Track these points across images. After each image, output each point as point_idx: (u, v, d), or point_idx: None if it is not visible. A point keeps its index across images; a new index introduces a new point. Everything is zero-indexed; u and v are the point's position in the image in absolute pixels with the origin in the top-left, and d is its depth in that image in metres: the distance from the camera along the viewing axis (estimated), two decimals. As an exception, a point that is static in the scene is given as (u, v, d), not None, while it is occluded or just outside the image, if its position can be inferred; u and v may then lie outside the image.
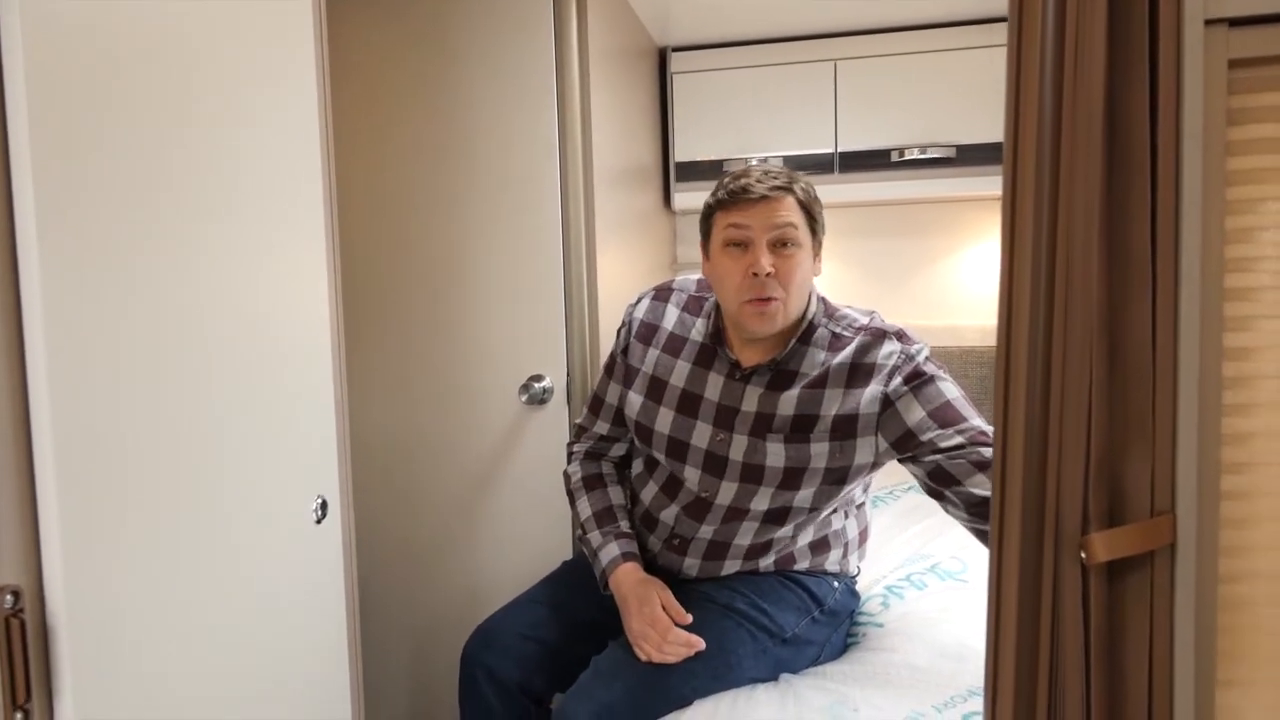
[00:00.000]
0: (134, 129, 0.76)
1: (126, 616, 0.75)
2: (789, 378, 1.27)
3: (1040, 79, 0.61)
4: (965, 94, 2.15)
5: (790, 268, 1.21)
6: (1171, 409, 0.60)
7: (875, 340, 1.25)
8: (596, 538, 1.37)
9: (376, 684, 1.78)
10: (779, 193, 1.21)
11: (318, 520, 1.04)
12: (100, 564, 0.71)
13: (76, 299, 0.69)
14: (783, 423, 1.25)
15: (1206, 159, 0.58)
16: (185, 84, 0.82)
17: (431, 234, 1.74)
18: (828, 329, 1.28)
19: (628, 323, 1.43)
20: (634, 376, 1.39)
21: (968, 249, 2.49)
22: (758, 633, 1.28)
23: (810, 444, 1.24)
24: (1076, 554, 0.62)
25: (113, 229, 0.73)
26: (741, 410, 1.28)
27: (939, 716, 1.15)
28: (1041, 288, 0.61)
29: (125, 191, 0.74)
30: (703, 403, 1.31)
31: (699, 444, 1.31)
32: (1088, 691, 0.62)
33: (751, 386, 1.28)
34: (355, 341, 1.73)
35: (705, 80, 2.31)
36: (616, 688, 1.18)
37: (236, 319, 0.90)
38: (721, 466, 1.29)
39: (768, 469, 1.26)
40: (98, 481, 0.71)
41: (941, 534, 1.84)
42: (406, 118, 1.73)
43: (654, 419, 1.35)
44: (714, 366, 1.32)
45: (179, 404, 0.81)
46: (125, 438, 0.74)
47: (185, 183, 0.82)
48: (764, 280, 1.19)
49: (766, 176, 1.23)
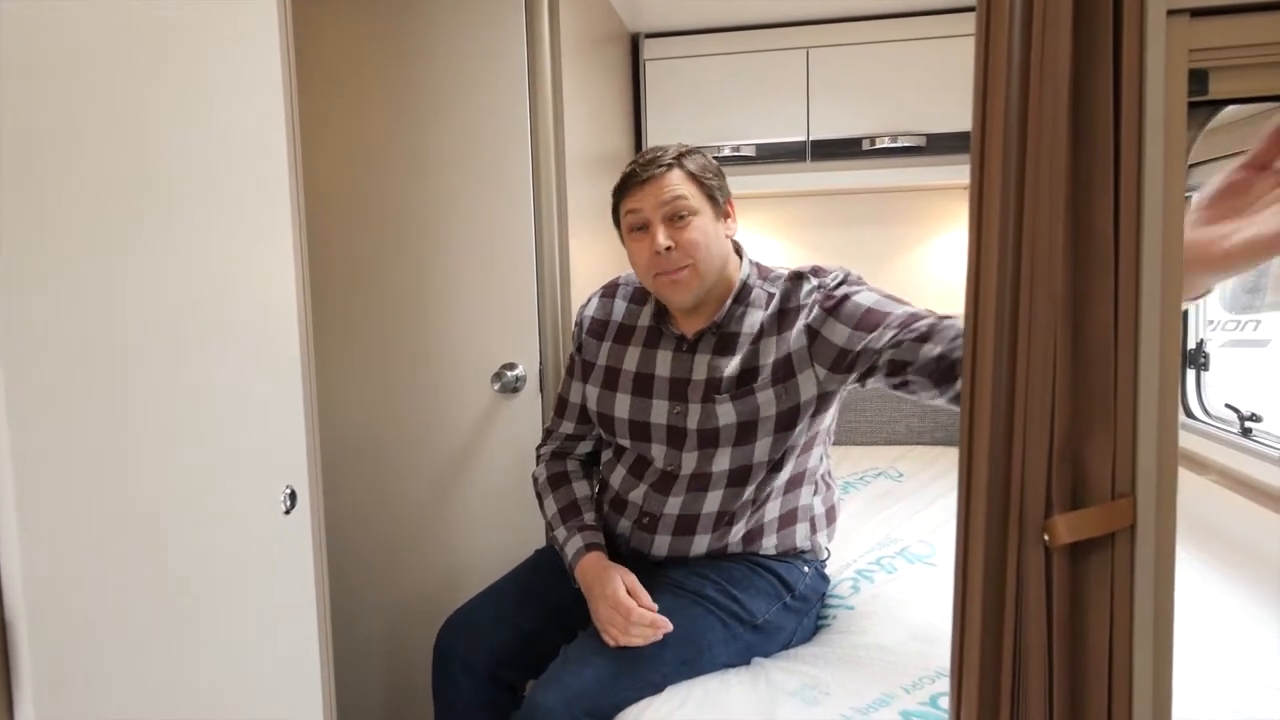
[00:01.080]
0: (93, 120, 0.73)
1: (89, 612, 0.73)
2: (731, 340, 1.33)
3: (1007, 68, 0.62)
4: (935, 83, 2.17)
5: (687, 236, 1.27)
6: (1132, 393, 0.62)
7: (794, 283, 1.33)
8: (562, 533, 1.38)
9: (349, 675, 1.77)
10: (662, 170, 1.28)
11: (286, 511, 1.03)
12: (61, 559, 0.70)
13: (33, 290, 0.67)
14: (729, 382, 1.31)
15: (1168, 147, 0.59)
16: (145, 68, 0.80)
17: (401, 221, 1.72)
18: (763, 289, 1.35)
19: (580, 322, 1.50)
20: (589, 371, 1.44)
21: (937, 238, 2.52)
22: (728, 619, 1.29)
23: (755, 394, 1.29)
24: (1040, 537, 0.63)
25: (72, 218, 0.71)
26: (693, 379, 1.34)
27: (908, 697, 1.17)
28: (1008, 273, 0.62)
29: (82, 178, 0.72)
30: (655, 380, 1.37)
31: (659, 420, 1.36)
32: (1050, 670, 0.64)
33: (699, 355, 1.34)
34: (325, 330, 1.71)
35: (678, 67, 2.31)
36: (587, 675, 1.18)
37: (200, 309, 0.88)
38: (681, 438, 1.34)
39: (721, 429, 1.30)
40: (57, 475, 0.70)
41: (910, 518, 1.87)
42: (376, 105, 1.70)
43: (613, 406, 1.40)
44: (661, 344, 1.38)
45: (141, 395, 0.79)
46: (85, 429, 0.73)
47: (146, 171, 0.80)
48: (666, 255, 1.26)
49: (651, 160, 1.30)
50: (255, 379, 0.98)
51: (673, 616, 1.24)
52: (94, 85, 0.74)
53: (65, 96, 0.71)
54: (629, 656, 1.20)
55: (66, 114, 0.71)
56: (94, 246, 0.74)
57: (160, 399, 0.82)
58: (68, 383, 0.71)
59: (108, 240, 0.76)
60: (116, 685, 0.76)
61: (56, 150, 0.70)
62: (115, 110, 0.77)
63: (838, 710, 1.15)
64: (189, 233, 0.87)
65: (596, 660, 1.20)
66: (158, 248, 0.82)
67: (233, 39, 0.94)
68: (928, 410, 2.46)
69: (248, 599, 0.96)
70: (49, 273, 0.69)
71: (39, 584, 0.67)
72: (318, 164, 1.70)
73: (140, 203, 0.80)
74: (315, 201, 1.56)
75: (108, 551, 0.75)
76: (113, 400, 0.76)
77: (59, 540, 0.70)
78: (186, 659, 0.86)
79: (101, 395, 0.75)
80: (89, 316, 0.73)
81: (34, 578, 0.67)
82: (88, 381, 0.73)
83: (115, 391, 0.76)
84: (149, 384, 0.81)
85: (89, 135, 0.74)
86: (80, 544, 0.72)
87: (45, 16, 0.69)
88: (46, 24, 0.69)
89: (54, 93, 0.70)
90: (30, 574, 0.66)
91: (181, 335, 0.85)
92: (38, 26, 0.68)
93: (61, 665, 0.70)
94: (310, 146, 1.17)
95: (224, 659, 0.92)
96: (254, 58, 0.99)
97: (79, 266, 0.72)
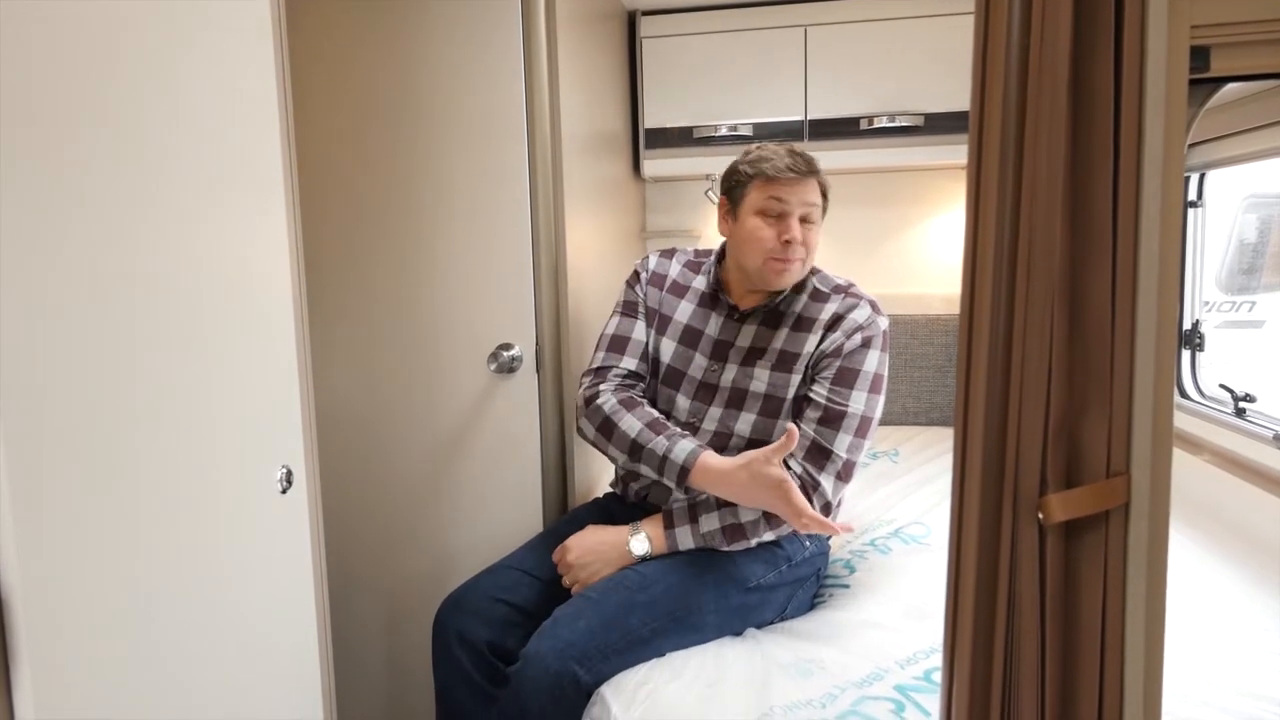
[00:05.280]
0: (78, 91, 0.73)
1: (87, 595, 0.73)
2: (779, 317, 1.48)
3: (1006, 46, 0.61)
4: (934, 62, 2.15)
5: (812, 239, 1.44)
6: (1129, 373, 0.62)
7: (857, 303, 1.46)
8: (661, 442, 1.37)
9: (347, 652, 1.78)
10: (812, 174, 1.44)
11: (283, 490, 1.03)
12: (57, 541, 0.70)
13: (24, 269, 0.67)
14: (773, 354, 1.45)
15: (1168, 124, 0.59)
16: (134, 42, 0.79)
17: (396, 200, 1.71)
18: (812, 283, 1.50)
19: (639, 272, 1.60)
20: (649, 315, 1.57)
21: (935, 218, 2.51)
22: (722, 580, 1.32)
23: (791, 374, 1.43)
24: (1034, 514, 0.63)
25: (61, 195, 0.70)
26: (736, 344, 1.48)
27: (902, 672, 1.18)
28: (1005, 251, 0.62)
29: (73, 157, 0.72)
30: (703, 337, 1.51)
31: (694, 374, 1.49)
32: (1043, 646, 0.64)
33: (748, 325, 1.49)
34: (320, 310, 1.70)
35: (675, 46, 2.28)
36: (580, 626, 1.22)
37: (194, 287, 0.88)
38: (711, 393, 1.47)
39: (750, 393, 1.44)
40: (51, 456, 0.69)
41: (904, 499, 1.88)
42: (370, 82, 1.68)
43: (659, 349, 1.53)
44: (715, 308, 1.52)
45: (136, 374, 0.79)
46: (81, 410, 0.72)
47: (139, 148, 0.80)
48: (792, 247, 1.41)
49: (801, 159, 1.43)
50: (249, 357, 0.98)
51: (666, 574, 1.30)
52: (84, 69, 0.73)
53: (51, 79, 0.70)
54: (618, 610, 1.24)
55: (51, 98, 0.70)
56: (86, 228, 0.73)
57: (153, 378, 0.82)
58: (60, 363, 0.70)
59: (100, 221, 0.75)
60: (115, 665, 0.77)
61: (45, 135, 0.69)
62: (102, 93, 0.76)
63: (833, 683, 1.16)
64: (180, 211, 0.86)
65: (589, 613, 1.24)
66: (149, 226, 0.81)
67: (226, 11, 0.93)
68: (924, 392, 2.46)
69: (246, 577, 0.97)
70: (40, 256, 0.68)
71: (35, 564, 0.67)
72: (312, 143, 1.69)
73: (130, 181, 0.79)
74: (309, 182, 1.55)
75: (103, 532, 0.75)
76: (105, 380, 0.76)
77: (53, 521, 0.70)
78: (184, 637, 0.86)
79: (94, 375, 0.74)
80: (81, 298, 0.73)
81: (29, 558, 0.67)
82: (81, 361, 0.73)
83: (108, 371, 0.76)
84: (142, 363, 0.80)
85: (79, 119, 0.73)
86: (75, 524, 0.72)
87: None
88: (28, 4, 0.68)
89: (40, 77, 0.69)
90: (26, 554, 0.66)
91: (174, 314, 0.85)
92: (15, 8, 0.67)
93: (60, 646, 0.70)
94: (304, 125, 1.16)
95: (222, 637, 0.92)
96: (246, 30, 0.97)
97: (70, 248, 0.72)
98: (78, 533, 0.72)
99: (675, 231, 2.58)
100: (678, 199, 2.58)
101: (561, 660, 1.17)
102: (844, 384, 1.38)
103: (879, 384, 1.40)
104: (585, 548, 1.38)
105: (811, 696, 1.13)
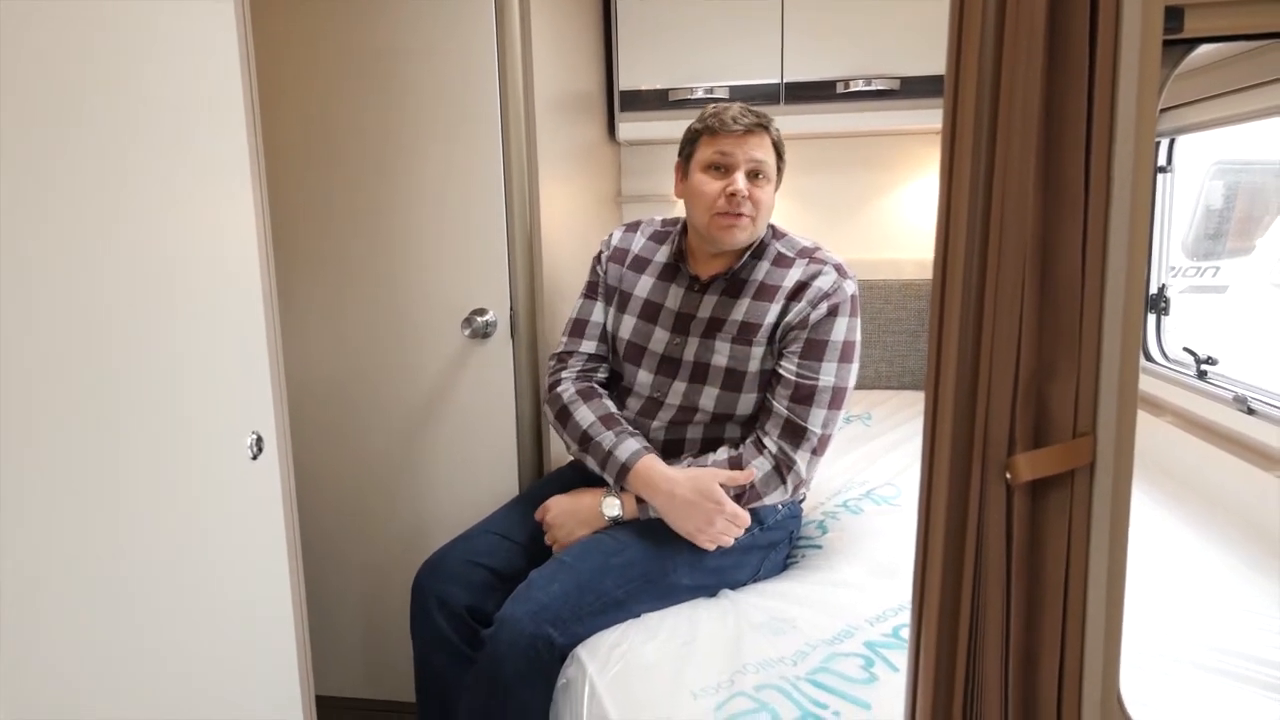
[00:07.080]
0: (37, 64, 0.70)
1: (57, 564, 0.72)
2: (740, 286, 1.43)
3: (982, 6, 0.61)
4: (910, 25, 2.14)
5: (761, 195, 1.38)
6: (1097, 336, 0.63)
7: (821, 269, 1.41)
8: (609, 438, 1.39)
9: (327, 618, 1.78)
10: (759, 129, 1.38)
11: (253, 456, 1.02)
12: (25, 510, 0.69)
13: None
14: (732, 326, 1.41)
15: (1141, 85, 0.59)
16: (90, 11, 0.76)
17: (367, 162, 1.67)
18: (775, 247, 1.46)
19: (603, 250, 1.57)
20: (611, 294, 1.54)
21: (910, 183, 2.51)
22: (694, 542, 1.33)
23: (751, 346, 1.39)
24: (1002, 474, 0.65)
25: (20, 162, 0.68)
26: (697, 316, 1.44)
27: (872, 629, 1.21)
28: (978, 214, 0.62)
29: (31, 126, 0.69)
30: (662, 311, 1.47)
31: (655, 349, 1.46)
32: (1008, 601, 0.66)
33: (708, 295, 1.45)
34: (291, 275, 1.67)
35: (650, 7, 2.24)
36: (554, 589, 1.23)
37: (159, 254, 0.85)
38: (674, 368, 1.44)
39: (712, 367, 1.41)
40: (19, 423, 0.68)
41: (875, 462, 1.90)
42: (339, 45, 1.64)
43: (619, 326, 1.51)
44: (675, 280, 1.49)
45: (102, 340, 0.77)
46: (48, 378, 0.71)
47: (98, 113, 0.77)
48: (739, 199, 1.36)
49: (749, 113, 1.39)
50: (217, 323, 0.96)
51: (640, 537, 1.31)
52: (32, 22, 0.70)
53: (9, 54, 0.67)
54: (593, 573, 1.25)
55: (8, 73, 0.67)
56: (55, 195, 0.71)
57: (120, 344, 0.80)
58: (25, 331, 0.69)
59: (67, 189, 0.73)
60: (86, 634, 0.76)
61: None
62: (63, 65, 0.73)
63: (804, 640, 1.18)
64: (145, 176, 0.83)
65: (562, 576, 1.25)
66: (113, 193, 0.79)
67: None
68: (897, 356, 2.49)
69: (217, 544, 0.96)
70: (4, 218, 0.66)
71: (2, 532, 0.66)
72: (281, 107, 1.64)
73: (93, 150, 0.76)
74: (278, 146, 1.51)
75: (71, 500, 0.74)
76: (73, 346, 0.74)
77: (21, 488, 0.68)
78: (156, 605, 0.86)
79: (61, 342, 0.72)
80: (48, 264, 0.71)
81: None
82: (47, 329, 0.71)
83: (76, 338, 0.74)
84: (108, 328, 0.78)
85: (40, 93, 0.70)
86: (43, 492, 0.71)
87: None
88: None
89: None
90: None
91: (141, 280, 0.83)
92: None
93: (30, 615, 0.69)
94: (272, 89, 1.12)
95: (196, 604, 0.92)
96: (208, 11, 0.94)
97: (36, 213, 0.69)
98: (46, 501, 0.71)
99: (651, 196, 2.56)
100: (653, 163, 2.56)
101: (536, 623, 1.18)
102: (813, 357, 1.35)
103: (850, 351, 1.37)
104: (562, 508, 1.40)
105: (784, 654, 1.15)
